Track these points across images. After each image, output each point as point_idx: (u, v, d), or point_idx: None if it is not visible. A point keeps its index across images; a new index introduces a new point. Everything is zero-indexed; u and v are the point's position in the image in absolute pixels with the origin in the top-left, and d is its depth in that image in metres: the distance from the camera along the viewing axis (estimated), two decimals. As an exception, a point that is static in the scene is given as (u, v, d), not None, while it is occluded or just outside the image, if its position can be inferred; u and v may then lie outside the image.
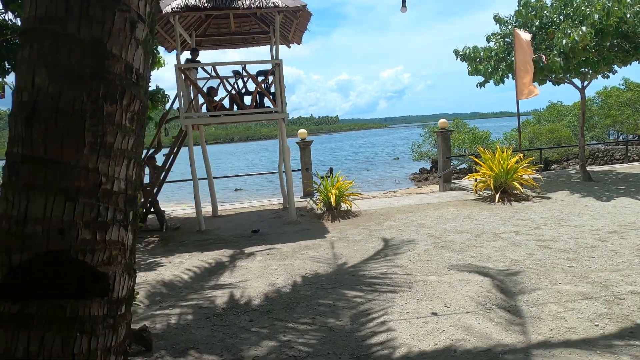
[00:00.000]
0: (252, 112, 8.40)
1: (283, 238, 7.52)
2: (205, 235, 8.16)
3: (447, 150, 12.21)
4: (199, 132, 10.07)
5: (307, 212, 9.77)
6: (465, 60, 11.70)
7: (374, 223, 8.14)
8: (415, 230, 7.35)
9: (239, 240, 7.62)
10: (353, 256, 6.10)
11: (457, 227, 7.30)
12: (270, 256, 6.43)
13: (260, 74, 8.72)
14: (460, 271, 5.13)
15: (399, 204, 9.99)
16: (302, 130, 11.99)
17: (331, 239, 7.18)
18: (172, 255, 6.97)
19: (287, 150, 8.75)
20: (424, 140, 25.42)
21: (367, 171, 32.35)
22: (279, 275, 5.51)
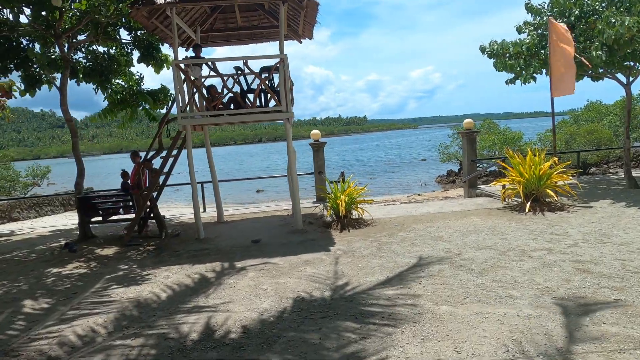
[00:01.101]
0: (253, 111, 7.75)
1: (283, 250, 6.83)
2: (203, 245, 7.56)
3: (473, 153, 11.21)
4: (203, 133, 9.51)
5: (317, 219, 9.05)
6: (492, 57, 10.69)
7: (386, 234, 7.32)
8: (431, 244, 6.49)
9: (236, 251, 6.98)
10: (355, 276, 5.33)
11: (480, 242, 6.40)
12: (263, 272, 5.74)
13: (265, 70, 8.06)
14: (478, 300, 4.27)
15: (417, 212, 9.11)
16: (315, 131, 11.28)
17: (335, 253, 6.42)
18: (161, 267, 6.39)
19: (293, 152, 8.06)
20: (452, 141, 24.24)
21: (392, 173, 31.35)
22: (267, 297, 4.81)
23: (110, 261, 6.99)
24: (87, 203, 8.45)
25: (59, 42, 7.95)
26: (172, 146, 8.14)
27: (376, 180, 27.50)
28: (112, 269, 6.49)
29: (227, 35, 10.17)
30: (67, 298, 5.33)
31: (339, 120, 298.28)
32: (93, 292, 5.51)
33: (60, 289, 5.72)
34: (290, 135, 7.97)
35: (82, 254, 7.64)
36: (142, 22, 7.72)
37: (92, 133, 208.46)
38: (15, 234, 10.28)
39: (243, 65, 7.80)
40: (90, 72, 8.98)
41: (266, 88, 7.85)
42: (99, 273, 6.35)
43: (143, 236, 8.57)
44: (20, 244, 8.92)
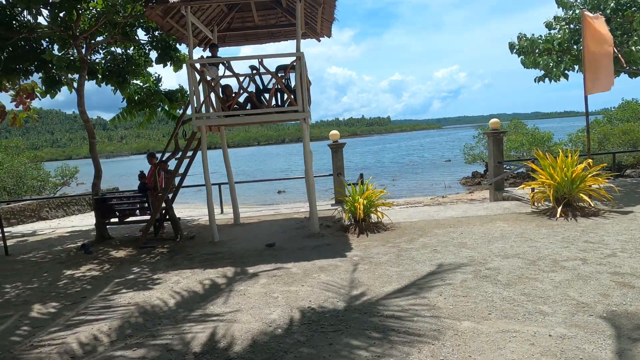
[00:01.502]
0: (269, 111, 7.53)
1: (298, 255, 6.57)
2: (217, 248, 7.39)
3: (500, 154, 10.69)
4: (220, 134, 9.37)
5: (335, 222, 8.76)
6: (521, 54, 10.16)
7: (406, 240, 6.97)
8: (453, 251, 6.11)
9: (249, 255, 6.77)
10: (372, 285, 5.02)
11: (506, 250, 5.97)
12: (276, 279, 5.50)
13: (281, 69, 7.84)
14: (504, 316, 3.90)
15: (440, 215, 8.70)
16: (334, 132, 11.00)
17: (352, 259, 6.12)
18: (172, 271, 6.24)
19: (310, 153, 7.80)
20: (477, 142, 23.52)
21: (416, 174, 30.74)
22: (277, 306, 4.56)
23: (123, 264, 6.90)
24: (103, 204, 8.42)
25: (76, 43, 7.95)
26: (186, 147, 8.02)
27: (399, 181, 27.00)
28: (123, 272, 6.39)
29: (244, 34, 10.01)
30: (76, 302, 5.22)
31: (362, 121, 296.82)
32: (101, 296, 5.39)
33: (70, 292, 5.63)
34: (307, 135, 7.72)
35: (97, 255, 7.59)
36: (157, 22, 7.62)
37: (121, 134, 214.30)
38: (36, 234, 10.40)
39: (258, 64, 7.60)
40: (108, 73, 8.97)
41: (282, 87, 7.62)
42: (110, 276, 6.25)
43: (159, 238, 8.49)
44: (39, 245, 8.98)
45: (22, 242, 9.52)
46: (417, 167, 36.04)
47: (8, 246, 9.01)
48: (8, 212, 15.20)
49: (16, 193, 22.16)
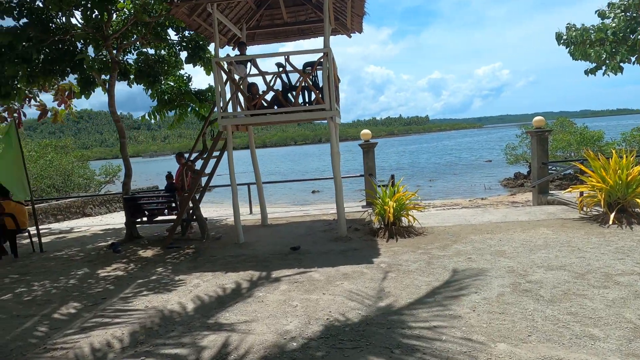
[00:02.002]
0: (294, 110, 7.28)
1: (323, 260, 6.28)
2: (241, 250, 7.23)
3: (544, 154, 9.95)
4: (247, 133, 9.23)
5: (364, 225, 8.40)
6: (570, 46, 9.39)
7: (438, 246, 6.51)
8: (490, 260, 5.61)
9: (272, 259, 6.54)
10: (399, 295, 4.65)
11: (551, 261, 5.42)
12: (297, 286, 5.23)
13: (308, 66, 7.57)
14: (547, 339, 3.44)
15: (476, 220, 8.14)
16: (366, 131, 10.61)
17: (378, 267, 5.76)
18: (194, 273, 6.12)
19: (337, 154, 7.48)
20: (521, 141, 22.36)
21: (454, 175, 29.71)
22: (295, 316, 4.29)
23: (148, 264, 6.86)
24: (133, 203, 8.48)
25: (108, 44, 8.03)
26: (212, 147, 7.91)
27: (436, 182, 26.16)
28: (147, 273, 6.33)
29: (273, 32, 9.82)
30: (96, 303, 5.18)
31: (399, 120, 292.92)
32: (122, 297, 5.32)
33: (92, 293, 5.61)
34: (334, 134, 7.41)
35: (125, 254, 7.62)
36: (183, 20, 7.55)
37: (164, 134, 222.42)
38: (72, 232, 10.68)
39: (285, 62, 7.36)
40: (139, 73, 9.03)
41: (308, 85, 7.35)
42: (133, 276, 6.20)
43: (185, 238, 8.45)
44: (73, 242, 9.18)
45: (59, 239, 9.78)
46: (455, 167, 34.86)
47: (45, 243, 9.29)
48: (55, 208, 15.89)
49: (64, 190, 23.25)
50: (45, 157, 24.34)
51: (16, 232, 8.05)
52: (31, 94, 10.46)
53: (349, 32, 9.33)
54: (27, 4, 7.83)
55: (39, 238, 8.36)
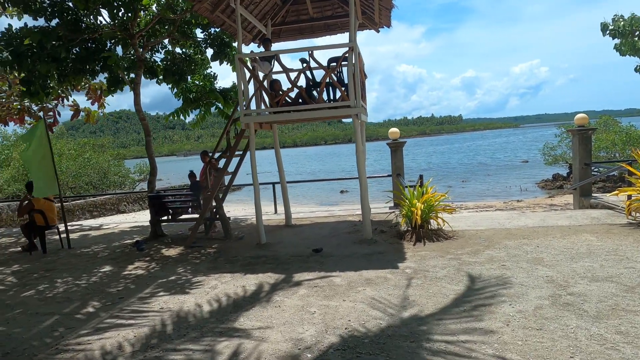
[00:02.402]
0: (319, 107, 7.03)
1: (345, 263, 6.01)
2: (262, 251, 7.05)
3: (587, 155, 9.28)
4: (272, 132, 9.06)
5: (390, 227, 8.07)
6: (617, 37, 8.70)
7: (469, 251, 6.10)
8: (526, 269, 5.18)
9: (293, 261, 6.32)
10: (424, 304, 4.32)
11: (595, 270, 4.93)
12: (316, 290, 4.98)
13: (333, 61, 7.31)
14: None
15: (512, 224, 7.64)
16: (394, 130, 10.24)
17: (404, 272, 5.43)
18: (213, 274, 5.98)
19: (362, 153, 7.18)
20: (560, 141, 21.26)
21: (488, 176, 28.71)
22: (312, 324, 4.04)
23: (169, 263, 6.79)
24: (157, 202, 8.48)
25: (133, 42, 8.05)
26: (235, 145, 7.78)
27: (469, 183, 25.33)
28: (167, 273, 6.25)
29: (299, 28, 9.62)
30: (114, 303, 5.11)
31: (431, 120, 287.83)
32: (139, 297, 5.23)
33: (112, 291, 5.56)
34: (359, 133, 7.10)
35: (148, 253, 7.60)
36: (206, 16, 7.45)
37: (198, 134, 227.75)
38: (102, 228, 10.86)
39: (308, 57, 7.12)
40: (166, 72, 9.04)
41: (332, 81, 7.08)
42: (153, 276, 6.13)
43: (209, 237, 8.37)
44: (101, 239, 9.30)
45: (88, 235, 9.94)
46: (489, 168, 33.69)
47: (74, 239, 9.46)
48: (91, 204, 16.38)
49: (101, 187, 24.00)
50: (83, 155, 25.22)
51: (45, 228, 8.20)
52: (64, 93, 10.72)
53: (377, 27, 9.02)
54: (58, 5, 7.96)
55: (67, 234, 8.50)
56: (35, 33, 7.46)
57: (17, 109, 10.75)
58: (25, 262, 7.56)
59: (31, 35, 7.46)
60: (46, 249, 8.18)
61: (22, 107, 10.83)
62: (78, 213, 16.03)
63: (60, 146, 25.36)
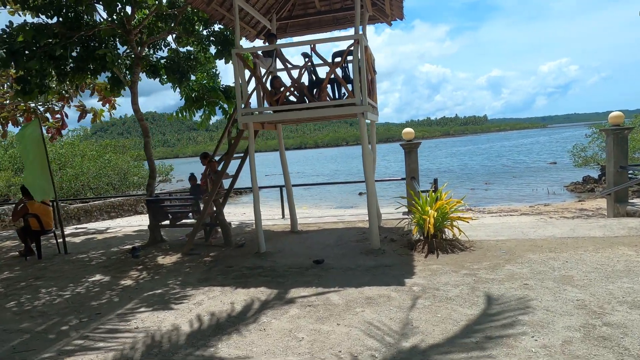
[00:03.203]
0: (320, 105, 6.46)
1: (346, 277, 5.42)
2: (260, 261, 6.53)
3: (623, 157, 8.40)
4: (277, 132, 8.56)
5: (402, 235, 7.43)
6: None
7: (487, 266, 5.42)
8: (553, 289, 4.48)
9: (291, 274, 5.77)
10: (430, 332, 3.70)
11: (637, 294, 4.19)
12: (309, 311, 4.42)
13: (337, 56, 6.74)
14: None
15: (537, 234, 6.89)
16: (408, 130, 9.58)
17: (410, 290, 4.80)
18: (202, 287, 5.49)
19: (369, 155, 6.57)
20: (591, 141, 20.05)
21: (513, 178, 27.52)
22: (296, 355, 3.49)
23: (160, 273, 6.35)
24: (155, 206, 8.08)
25: (130, 38, 7.67)
26: (233, 147, 7.30)
27: (493, 186, 24.28)
28: (155, 284, 5.80)
29: (306, 22, 9.08)
30: (89, 319, 4.68)
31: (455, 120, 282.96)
32: (118, 314, 4.79)
33: (92, 305, 5.15)
34: (365, 133, 6.51)
35: (143, 260, 7.20)
36: (202, 9, 7.00)
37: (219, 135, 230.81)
38: (106, 231, 10.59)
39: (310, 51, 6.56)
40: (166, 70, 8.65)
41: (336, 77, 6.51)
42: (140, 288, 5.70)
43: (208, 244, 7.92)
44: (100, 244, 8.98)
45: (92, 239, 9.66)
46: (514, 170, 32.37)
47: (75, 243, 9.19)
48: (109, 205, 16.32)
49: (121, 188, 24.12)
50: (104, 156, 25.42)
51: (41, 232, 7.92)
52: (67, 94, 10.50)
53: (389, 19, 8.39)
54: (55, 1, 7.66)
55: (64, 239, 8.20)
56: (28, 30, 7.17)
57: (23, 110, 10.60)
58: (18, 269, 7.28)
59: (24, 32, 7.17)
60: (41, 254, 7.90)
61: (27, 108, 10.68)
62: (96, 214, 16.04)
63: (83, 147, 25.67)
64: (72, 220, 16.16)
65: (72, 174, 21.75)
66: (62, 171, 22.29)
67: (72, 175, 21.79)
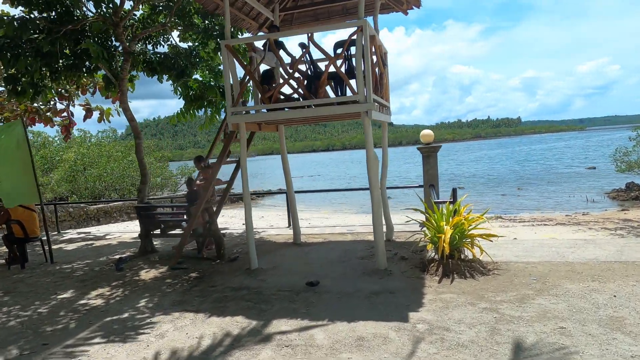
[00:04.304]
0: (315, 103, 5.61)
1: (340, 306, 4.55)
2: (248, 280, 5.74)
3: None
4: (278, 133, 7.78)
5: (415, 252, 6.47)
6: None
7: (513, 298, 4.43)
8: (598, 337, 3.47)
9: (278, 299, 4.95)
10: (429, 399, 2.79)
11: None
12: (286, 353, 3.58)
13: (339, 47, 5.87)
14: None
15: (576, 255, 5.80)
16: (427, 132, 8.57)
17: (415, 328, 3.89)
18: (174, 312, 4.75)
19: (373, 159, 5.67)
20: (635, 145, 18.31)
21: (548, 183, 25.79)
22: None
23: (136, 291, 5.66)
24: (145, 213, 7.44)
25: (118, 31, 7.06)
26: (223, 150, 6.56)
27: (526, 192, 22.72)
28: (124, 306, 5.10)
29: (314, 12, 8.26)
30: (31, 351, 4.01)
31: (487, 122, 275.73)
32: (66, 346, 4.09)
33: (45, 331, 4.49)
34: (370, 135, 5.62)
35: (124, 274, 6.55)
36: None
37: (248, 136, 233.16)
38: (105, 238, 10.08)
39: (308, 42, 5.72)
40: (160, 66, 8.02)
41: (337, 70, 5.64)
42: (107, 310, 5.01)
43: (200, 257, 7.20)
44: (91, 252, 8.43)
45: (83, 246, 9.15)
46: (549, 174, 30.46)
47: (67, 251, 8.71)
48: (129, 207, 16.10)
49: (142, 190, 24.01)
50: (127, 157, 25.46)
51: (25, 240, 7.42)
52: (67, 93, 10.08)
53: (404, 8, 7.47)
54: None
55: (50, 248, 7.67)
56: (9, 24, 6.67)
57: (24, 110, 10.24)
58: (-3, 279, 6.78)
59: (6, 26, 6.67)
60: (24, 263, 7.40)
61: (30, 109, 10.32)
62: (115, 215, 15.90)
63: (109, 148, 25.80)
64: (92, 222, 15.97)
65: (96, 175, 21.78)
66: (87, 171, 22.38)
67: (96, 175, 21.82)
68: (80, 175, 22.12)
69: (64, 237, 10.51)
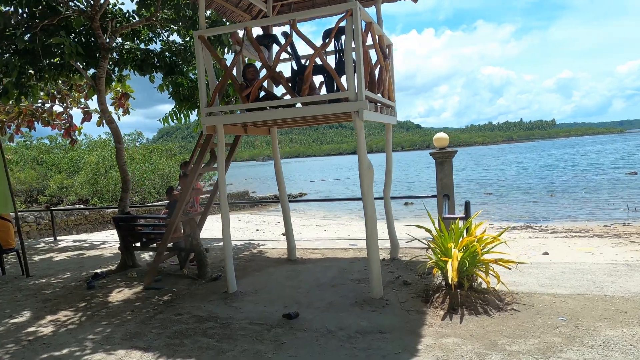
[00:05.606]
0: (295, 101, 4.77)
1: (314, 352, 3.69)
2: (219, 308, 4.95)
3: None
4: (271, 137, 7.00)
5: (420, 276, 5.53)
6: None
7: (535, 348, 3.44)
8: (652, 422, 2.47)
9: (245, 335, 4.13)
10: None
11: None
12: None
13: (327, 36, 5.01)
14: None
15: (616, 286, 4.71)
16: (441, 135, 7.56)
17: (398, 392, 2.98)
18: (121, 349, 4.00)
19: (367, 169, 4.78)
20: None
21: (584, 188, 24.02)
22: None
23: (94, 318, 4.97)
24: (125, 225, 6.80)
25: (94, 24, 6.45)
26: (200, 156, 5.81)
27: (559, 198, 21.12)
28: (69, 338, 4.41)
29: (312, 3, 7.44)
30: (-62, 399, 3.35)
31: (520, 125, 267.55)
32: (-19, 392, 3.42)
33: (-30, 369, 3.84)
34: (362, 139, 4.72)
35: (95, 294, 5.90)
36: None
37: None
38: (98, 247, 9.55)
39: (290, 30, 4.89)
40: (142, 63, 7.39)
41: (323, 62, 4.79)
42: (48, 343, 4.32)
43: (181, 274, 6.49)
44: (74, 264, 7.88)
45: (73, 257, 8.63)
46: (585, 180, 28.49)
47: (50, 262, 8.21)
48: (146, 211, 15.80)
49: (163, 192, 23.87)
50: (149, 160, 25.36)
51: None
52: (59, 94, 9.65)
53: (412, -6, 6.55)
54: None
55: (25, 260, 7.13)
56: (-22, 19, 6.17)
57: (18, 113, 9.89)
58: (-36, 295, 6.27)
59: (-24, 22, 6.18)
60: None
61: (24, 111, 9.95)
62: None
63: (131, 152, 25.81)
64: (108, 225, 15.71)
65: (117, 178, 21.79)
66: (108, 174, 22.39)
67: (117, 178, 21.82)
68: (102, 178, 22.14)
69: (58, 245, 10.08)
